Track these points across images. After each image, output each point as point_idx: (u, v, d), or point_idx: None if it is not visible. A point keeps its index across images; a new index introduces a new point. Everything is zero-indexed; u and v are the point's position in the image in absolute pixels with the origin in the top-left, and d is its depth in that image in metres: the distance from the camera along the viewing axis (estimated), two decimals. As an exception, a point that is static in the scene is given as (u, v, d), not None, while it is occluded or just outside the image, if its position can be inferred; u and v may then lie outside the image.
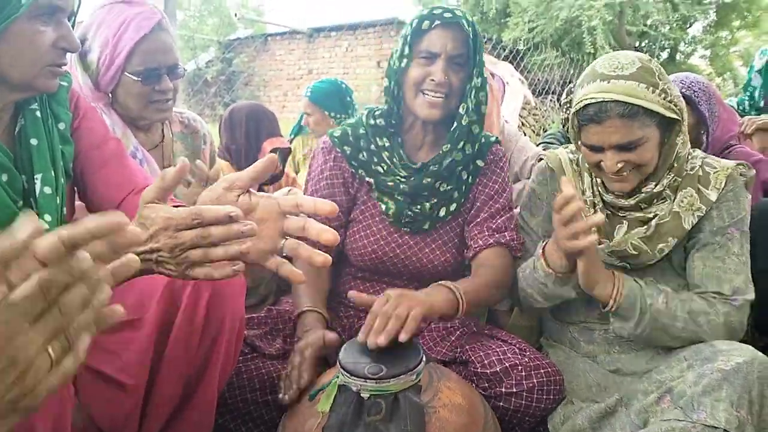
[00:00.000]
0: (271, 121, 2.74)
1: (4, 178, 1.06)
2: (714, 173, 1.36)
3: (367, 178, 1.49)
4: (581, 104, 1.29)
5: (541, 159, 1.57)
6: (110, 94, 1.59)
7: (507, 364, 1.30)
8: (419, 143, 1.51)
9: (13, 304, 0.47)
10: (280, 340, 1.41)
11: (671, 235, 1.35)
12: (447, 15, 1.37)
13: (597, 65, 1.32)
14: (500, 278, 1.44)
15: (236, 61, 12.44)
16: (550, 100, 9.46)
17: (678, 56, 13.60)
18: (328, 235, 0.82)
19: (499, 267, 1.45)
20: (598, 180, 1.43)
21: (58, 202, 1.12)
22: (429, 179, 1.45)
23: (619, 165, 1.29)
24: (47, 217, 1.09)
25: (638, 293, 1.29)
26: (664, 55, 13.44)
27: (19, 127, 1.11)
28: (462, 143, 1.44)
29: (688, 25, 12.89)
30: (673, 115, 1.28)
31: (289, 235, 0.90)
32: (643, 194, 1.37)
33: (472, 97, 1.42)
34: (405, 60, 1.40)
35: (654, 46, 12.22)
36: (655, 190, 1.36)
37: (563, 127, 3.14)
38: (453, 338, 1.45)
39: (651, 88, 1.26)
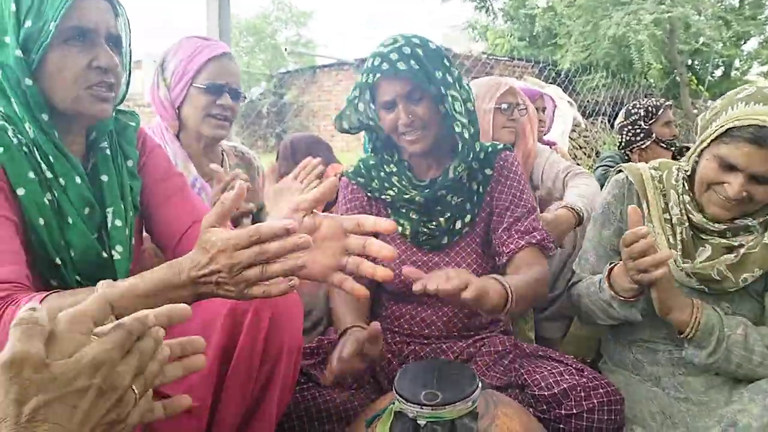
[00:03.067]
0: (329, 149, 2.83)
1: (86, 211, 1.13)
2: None
3: (382, 197, 1.53)
4: (745, 122, 1.23)
5: (620, 171, 1.54)
6: (178, 119, 1.75)
7: (565, 386, 1.28)
8: (427, 164, 1.55)
9: (110, 339, 0.62)
10: None
11: (758, 266, 1.32)
12: (384, 66, 1.40)
13: (767, 90, 1.27)
14: (540, 274, 1.43)
15: (287, 94, 12.80)
16: (601, 122, 9.32)
17: (733, 73, 13.19)
18: (387, 251, 0.87)
19: (537, 266, 1.44)
20: (686, 198, 1.40)
21: (127, 233, 1.19)
22: (440, 192, 1.47)
23: (744, 194, 1.26)
24: (119, 248, 1.16)
25: (716, 322, 1.28)
26: (718, 72, 13.05)
27: (91, 165, 1.19)
28: (470, 156, 1.47)
29: (743, 42, 12.49)
30: None
31: (351, 253, 0.95)
32: (736, 225, 1.35)
33: (458, 109, 1.44)
34: (372, 111, 1.48)
35: (708, 64, 11.90)
36: (741, 222, 1.34)
37: (619, 148, 3.10)
38: (506, 362, 1.44)
39: None
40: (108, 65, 1.10)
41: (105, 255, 1.14)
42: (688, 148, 2.13)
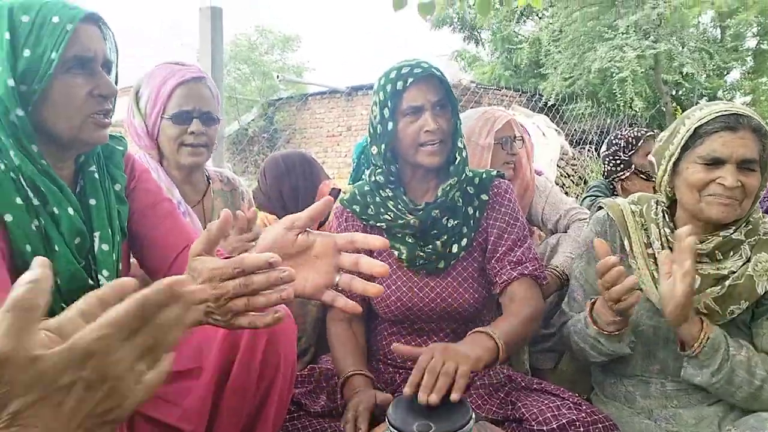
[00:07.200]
0: (320, 166, 2.82)
1: (77, 241, 1.11)
2: None
3: (377, 225, 1.52)
4: (710, 117, 1.29)
5: (601, 208, 1.55)
6: (158, 148, 1.71)
7: (564, 420, 1.25)
8: (424, 189, 1.54)
9: (112, 322, 0.52)
10: (324, 397, 1.41)
11: (744, 298, 1.33)
12: (418, 71, 1.41)
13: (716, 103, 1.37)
14: (532, 311, 1.43)
15: (278, 120, 12.86)
16: (588, 150, 9.43)
17: (717, 103, 13.44)
18: (379, 268, 0.87)
19: (529, 299, 1.44)
20: (667, 230, 1.41)
21: (114, 258, 1.17)
22: (435, 212, 1.47)
23: (738, 183, 1.27)
24: (105, 273, 1.14)
25: (723, 341, 1.27)
26: (702, 102, 13.32)
27: (79, 188, 1.18)
28: (466, 177, 1.48)
29: (725, 73, 12.78)
30: None
31: (343, 270, 0.95)
32: (720, 238, 1.34)
33: (460, 130, 1.47)
34: (390, 123, 1.44)
35: (692, 95, 12.14)
36: (733, 236, 1.34)
37: (605, 178, 3.12)
38: (501, 394, 1.41)
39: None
40: (108, 93, 1.11)
41: (91, 281, 1.12)
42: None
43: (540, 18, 12.66)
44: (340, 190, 2.64)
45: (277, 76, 13.93)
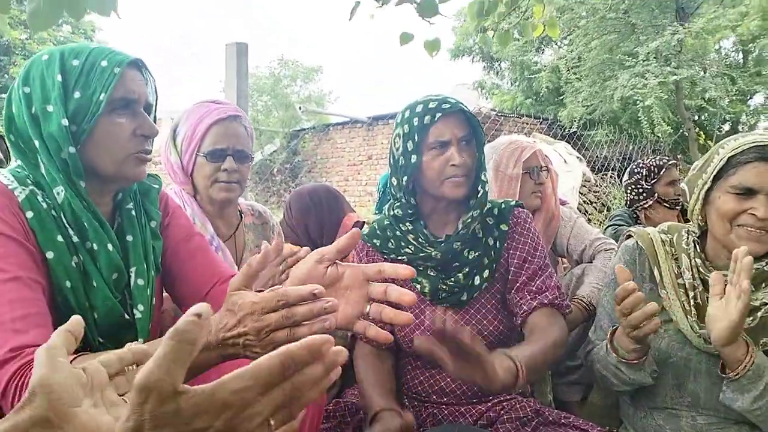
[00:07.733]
0: (344, 199, 2.86)
1: (115, 276, 1.15)
2: None
3: (399, 259, 1.52)
4: (744, 147, 1.29)
5: (630, 236, 1.55)
6: (192, 183, 1.76)
7: None
8: (444, 221, 1.55)
9: (255, 374, 0.50)
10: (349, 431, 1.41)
11: None
12: (446, 106, 1.44)
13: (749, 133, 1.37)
14: (554, 338, 1.39)
15: (300, 150, 13.03)
16: (610, 177, 9.37)
17: (740, 128, 13.30)
18: (407, 297, 0.87)
19: (550, 328, 1.41)
20: (698, 260, 1.40)
21: (149, 293, 1.20)
22: (458, 244, 1.47)
23: None
24: (140, 307, 1.17)
25: None
26: (726, 127, 13.18)
27: (117, 225, 1.22)
28: (486, 208, 1.50)
29: (749, 98, 12.66)
30: None
31: (372, 300, 0.96)
32: (753, 271, 1.31)
33: (484, 164, 1.49)
34: (414, 156, 1.46)
35: (714, 120, 12.03)
36: (765, 268, 1.32)
37: (627, 207, 3.11)
38: (529, 429, 1.41)
39: None
40: (150, 134, 1.17)
41: (127, 316, 1.15)
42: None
43: (559, 47, 12.74)
44: (364, 222, 2.68)
45: (299, 107, 14.15)
